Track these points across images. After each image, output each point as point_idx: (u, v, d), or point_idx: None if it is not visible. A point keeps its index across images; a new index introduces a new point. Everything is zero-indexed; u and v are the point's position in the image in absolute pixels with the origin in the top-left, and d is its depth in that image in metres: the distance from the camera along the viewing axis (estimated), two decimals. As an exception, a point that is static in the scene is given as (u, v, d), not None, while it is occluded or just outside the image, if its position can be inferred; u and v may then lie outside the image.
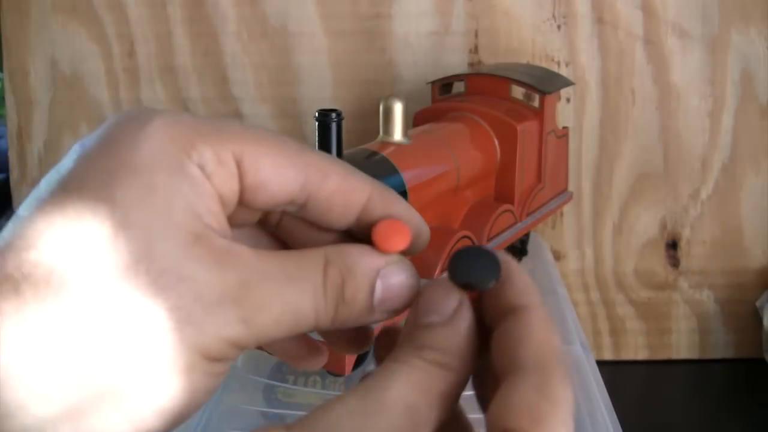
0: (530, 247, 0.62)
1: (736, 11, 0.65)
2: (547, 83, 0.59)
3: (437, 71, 0.64)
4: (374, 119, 0.49)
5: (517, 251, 0.60)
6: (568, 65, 0.67)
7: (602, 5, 0.66)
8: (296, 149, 0.24)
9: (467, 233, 0.49)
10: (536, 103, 0.58)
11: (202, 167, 0.22)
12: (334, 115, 0.40)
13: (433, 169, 0.48)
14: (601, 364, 0.47)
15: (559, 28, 0.66)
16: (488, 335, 0.22)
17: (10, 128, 0.70)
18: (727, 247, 0.69)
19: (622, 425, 0.40)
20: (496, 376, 0.21)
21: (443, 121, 0.54)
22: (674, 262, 0.70)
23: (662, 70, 0.67)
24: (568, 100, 0.67)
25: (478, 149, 0.53)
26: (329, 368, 0.41)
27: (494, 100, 0.58)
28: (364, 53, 0.67)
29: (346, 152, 0.42)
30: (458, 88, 0.62)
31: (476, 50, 0.67)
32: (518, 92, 0.59)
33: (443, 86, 0.61)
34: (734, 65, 0.66)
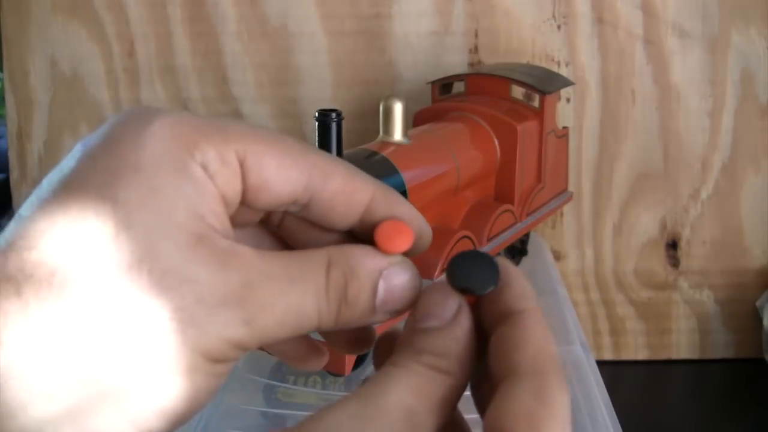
0: (530, 247, 0.62)
1: (736, 11, 0.65)
2: (547, 83, 0.59)
3: (437, 71, 0.64)
4: (374, 119, 0.49)
5: (517, 251, 0.60)
6: (568, 65, 0.67)
7: (602, 5, 0.66)
8: (299, 149, 0.24)
9: (467, 233, 0.49)
10: (536, 103, 0.58)
11: (205, 167, 0.22)
12: (334, 115, 0.40)
13: (433, 169, 0.48)
14: (601, 364, 0.47)
15: (559, 28, 0.66)
16: (486, 339, 0.22)
17: (10, 128, 0.70)
18: (727, 247, 0.69)
19: (622, 425, 0.40)
20: (493, 380, 0.21)
21: (443, 121, 0.54)
22: (674, 262, 0.70)
23: (662, 70, 0.67)
24: (568, 100, 0.67)
25: (478, 149, 0.53)
26: (329, 368, 0.41)
27: (494, 100, 0.58)
28: (364, 53, 0.67)
29: (346, 152, 0.42)
30: (458, 88, 0.62)
31: (476, 50, 0.67)
32: (518, 92, 0.59)
33: (443, 86, 0.61)
34: (734, 65, 0.66)
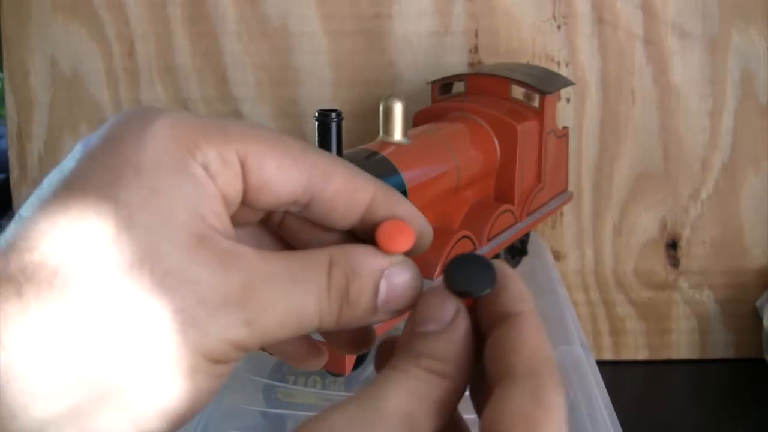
0: (530, 247, 0.62)
1: (736, 11, 0.65)
2: (547, 83, 0.59)
3: (437, 71, 0.64)
4: (374, 119, 0.49)
5: (517, 251, 0.60)
6: (568, 65, 0.67)
7: (602, 5, 0.66)
8: (300, 149, 0.24)
9: (467, 233, 0.49)
10: (536, 103, 0.58)
11: (206, 168, 0.22)
12: (334, 115, 0.40)
13: (433, 169, 0.48)
14: (601, 364, 0.47)
15: (559, 28, 0.66)
16: (484, 342, 0.22)
17: (10, 128, 0.70)
18: (727, 247, 0.69)
19: (622, 425, 0.40)
20: (489, 381, 0.21)
21: (443, 121, 0.54)
22: (674, 262, 0.70)
23: (662, 70, 0.67)
24: (568, 100, 0.67)
25: (478, 149, 0.53)
26: (329, 368, 0.41)
27: (494, 100, 0.58)
28: (364, 53, 0.67)
29: (346, 152, 0.42)
30: (458, 88, 0.62)
31: (476, 50, 0.67)
32: (518, 92, 0.59)
33: (443, 86, 0.61)
34: (734, 65, 0.66)
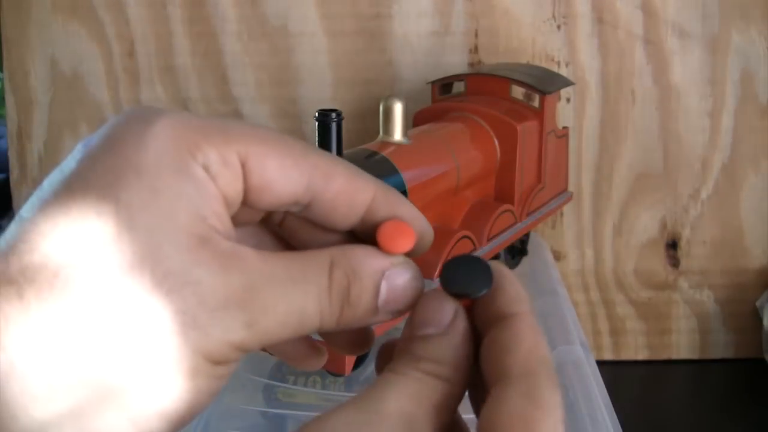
0: (530, 247, 0.62)
1: (736, 11, 0.65)
2: (547, 83, 0.59)
3: (437, 71, 0.64)
4: (374, 119, 0.49)
5: (517, 251, 0.60)
6: (568, 65, 0.67)
7: (602, 5, 0.66)
8: (301, 150, 0.24)
9: (467, 233, 0.49)
10: (536, 103, 0.58)
11: (206, 168, 0.22)
12: (334, 115, 0.40)
13: (433, 169, 0.48)
14: (601, 364, 0.47)
15: (559, 28, 0.66)
16: (480, 342, 0.22)
17: (10, 128, 0.70)
18: (727, 247, 0.69)
19: (622, 425, 0.40)
20: (485, 382, 0.21)
21: (443, 121, 0.54)
22: (674, 262, 0.70)
23: (662, 70, 0.67)
24: (568, 100, 0.67)
25: (478, 149, 0.53)
26: (329, 368, 0.41)
27: (494, 100, 0.58)
28: (364, 53, 0.67)
29: (346, 152, 0.42)
30: (458, 88, 0.62)
31: (476, 50, 0.67)
32: (518, 92, 0.59)
33: (443, 86, 0.61)
34: (734, 65, 0.66)
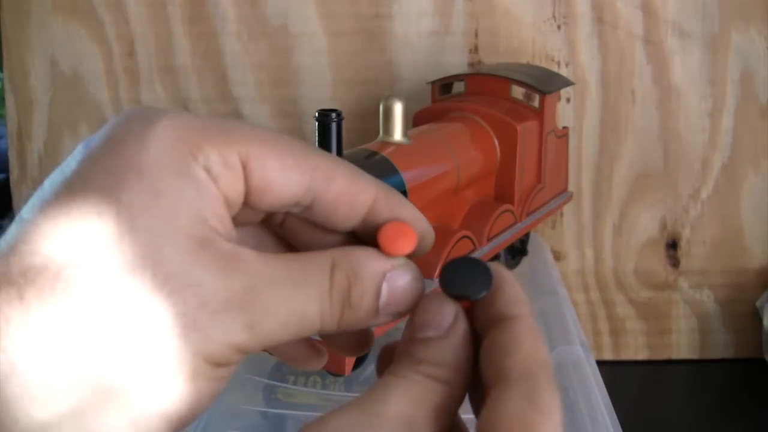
0: (530, 247, 0.62)
1: (736, 11, 0.65)
2: (547, 83, 0.59)
3: (437, 71, 0.64)
4: (374, 119, 0.49)
5: (517, 251, 0.60)
6: (568, 65, 0.67)
7: (602, 5, 0.66)
8: (302, 150, 0.24)
9: (467, 233, 0.49)
10: (536, 103, 0.58)
11: (208, 170, 0.22)
12: (334, 115, 0.39)
13: (433, 169, 0.48)
14: (601, 364, 0.47)
15: (559, 28, 0.66)
16: (480, 344, 0.22)
17: (10, 128, 0.70)
18: (727, 247, 0.69)
19: (622, 425, 0.40)
20: (484, 384, 0.21)
21: (443, 121, 0.54)
22: (674, 262, 0.70)
23: (662, 70, 0.67)
24: (568, 100, 0.67)
25: (478, 149, 0.53)
26: (329, 368, 0.41)
27: (494, 100, 0.58)
28: (364, 53, 0.67)
29: (346, 152, 0.42)
30: (458, 88, 0.62)
31: (476, 50, 0.67)
32: (518, 92, 0.59)
33: (443, 86, 0.61)
34: (734, 65, 0.66)
